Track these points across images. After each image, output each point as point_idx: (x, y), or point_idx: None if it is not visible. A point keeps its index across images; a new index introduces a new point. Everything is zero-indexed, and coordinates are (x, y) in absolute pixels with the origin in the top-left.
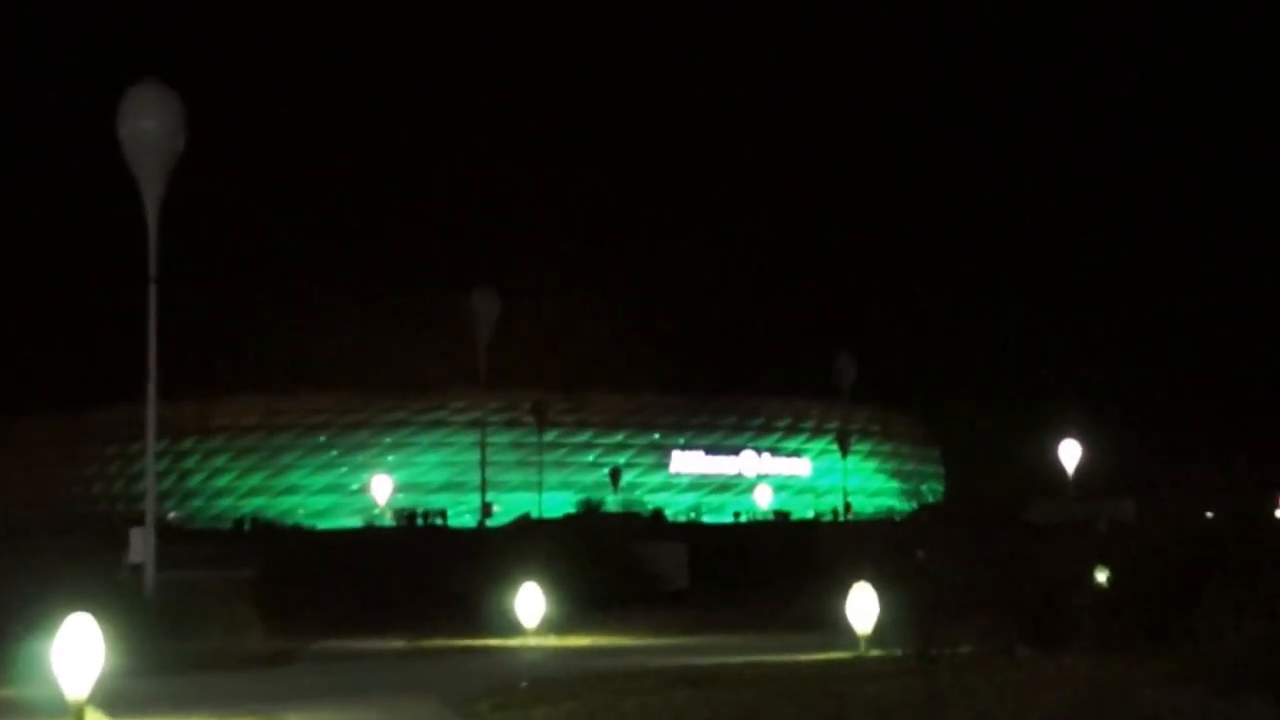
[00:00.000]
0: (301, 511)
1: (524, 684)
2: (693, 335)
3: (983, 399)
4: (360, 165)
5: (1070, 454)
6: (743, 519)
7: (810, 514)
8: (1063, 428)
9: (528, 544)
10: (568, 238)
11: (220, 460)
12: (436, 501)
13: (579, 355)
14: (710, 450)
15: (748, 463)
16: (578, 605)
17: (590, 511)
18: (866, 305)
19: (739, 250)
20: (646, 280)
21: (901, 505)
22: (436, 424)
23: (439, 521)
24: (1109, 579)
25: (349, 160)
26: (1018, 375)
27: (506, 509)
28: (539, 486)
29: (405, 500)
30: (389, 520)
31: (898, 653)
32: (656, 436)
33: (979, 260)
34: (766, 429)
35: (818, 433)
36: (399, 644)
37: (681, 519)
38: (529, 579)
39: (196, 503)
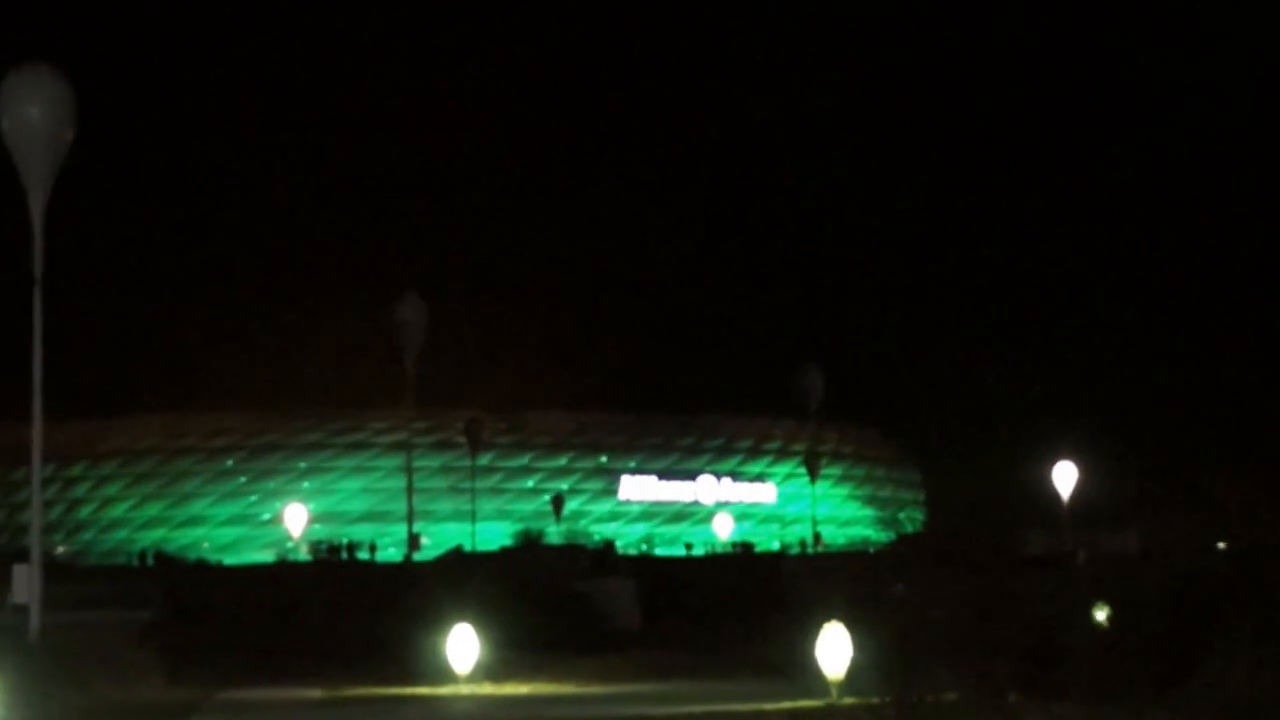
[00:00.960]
0: (206, 545)
1: None
2: (644, 347)
3: (968, 416)
4: (273, 165)
5: (1065, 478)
6: (699, 551)
7: (776, 545)
8: (1058, 449)
9: (460, 580)
10: (503, 241)
11: (114, 488)
12: (358, 533)
13: (516, 369)
14: (664, 475)
15: (706, 489)
16: (516, 649)
17: (530, 543)
18: (835, 313)
19: (695, 254)
20: (592, 287)
21: (877, 535)
22: (357, 447)
23: (365, 555)
24: (1109, 617)
25: (260, 160)
26: (1006, 389)
27: (436, 541)
28: (472, 516)
29: (323, 532)
30: (304, 554)
31: (874, 700)
32: (604, 459)
33: (961, 262)
34: (726, 451)
35: (783, 455)
36: (316, 693)
37: (632, 551)
38: (461, 620)
39: (87, 535)
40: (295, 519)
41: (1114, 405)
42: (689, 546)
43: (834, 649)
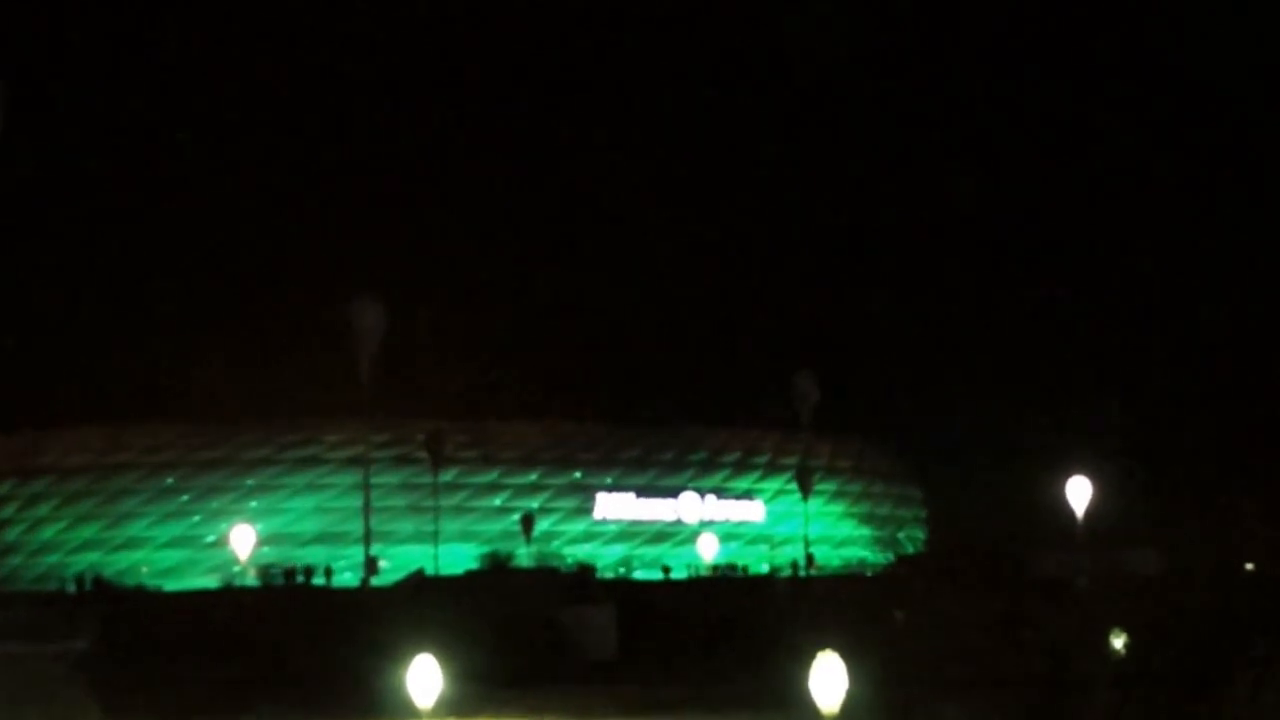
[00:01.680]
0: (145, 569)
1: None
2: (621, 353)
3: (972, 427)
4: (216, 157)
5: (1079, 493)
6: (680, 574)
7: (765, 568)
8: (1070, 462)
9: (421, 607)
10: (467, 238)
11: (45, 508)
12: (310, 556)
13: (482, 377)
14: (643, 492)
15: (688, 507)
16: (483, 682)
17: (498, 567)
18: (830, 315)
19: (677, 252)
20: (565, 288)
21: (875, 557)
22: (309, 462)
23: (321, 581)
24: (1126, 645)
25: (203, 151)
26: (1014, 399)
27: (396, 564)
28: (435, 537)
29: (272, 555)
30: (252, 580)
31: None
32: (577, 475)
33: (964, 263)
34: (711, 465)
35: (773, 470)
36: None
37: (609, 575)
38: (423, 650)
39: (16, 560)
40: (242, 541)
41: (1133, 416)
42: (666, 570)
43: (828, 680)
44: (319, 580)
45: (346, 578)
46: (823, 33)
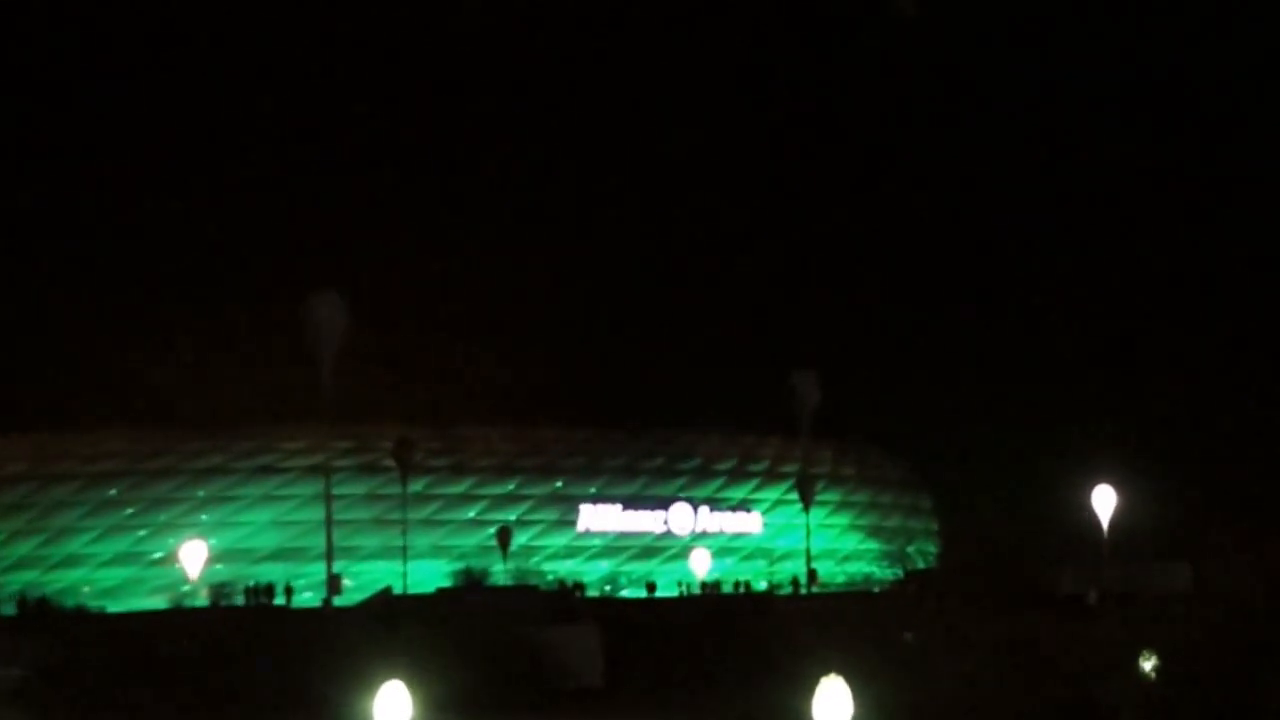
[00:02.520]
0: (87, 589)
1: None
2: (605, 354)
3: (986, 431)
4: (167, 144)
5: (1105, 503)
6: (670, 592)
7: (763, 585)
8: (1093, 471)
9: (389, 629)
10: (439, 234)
11: None
12: (267, 574)
13: (455, 380)
14: (630, 503)
15: (680, 519)
16: (457, 710)
17: (472, 585)
18: (832, 312)
19: (665, 244)
20: (543, 282)
21: (882, 573)
22: (266, 471)
23: (280, 601)
24: (1156, 669)
25: (151, 138)
26: (1030, 401)
27: (361, 583)
28: (403, 552)
29: (226, 573)
30: (204, 600)
31: None
32: (558, 485)
33: (978, 258)
34: (704, 474)
35: (771, 478)
36: None
37: (594, 593)
38: (391, 676)
39: None
40: (192, 558)
41: (1159, 419)
42: (651, 587)
43: (832, 707)
44: (278, 600)
45: (307, 597)
46: (823, 33)
